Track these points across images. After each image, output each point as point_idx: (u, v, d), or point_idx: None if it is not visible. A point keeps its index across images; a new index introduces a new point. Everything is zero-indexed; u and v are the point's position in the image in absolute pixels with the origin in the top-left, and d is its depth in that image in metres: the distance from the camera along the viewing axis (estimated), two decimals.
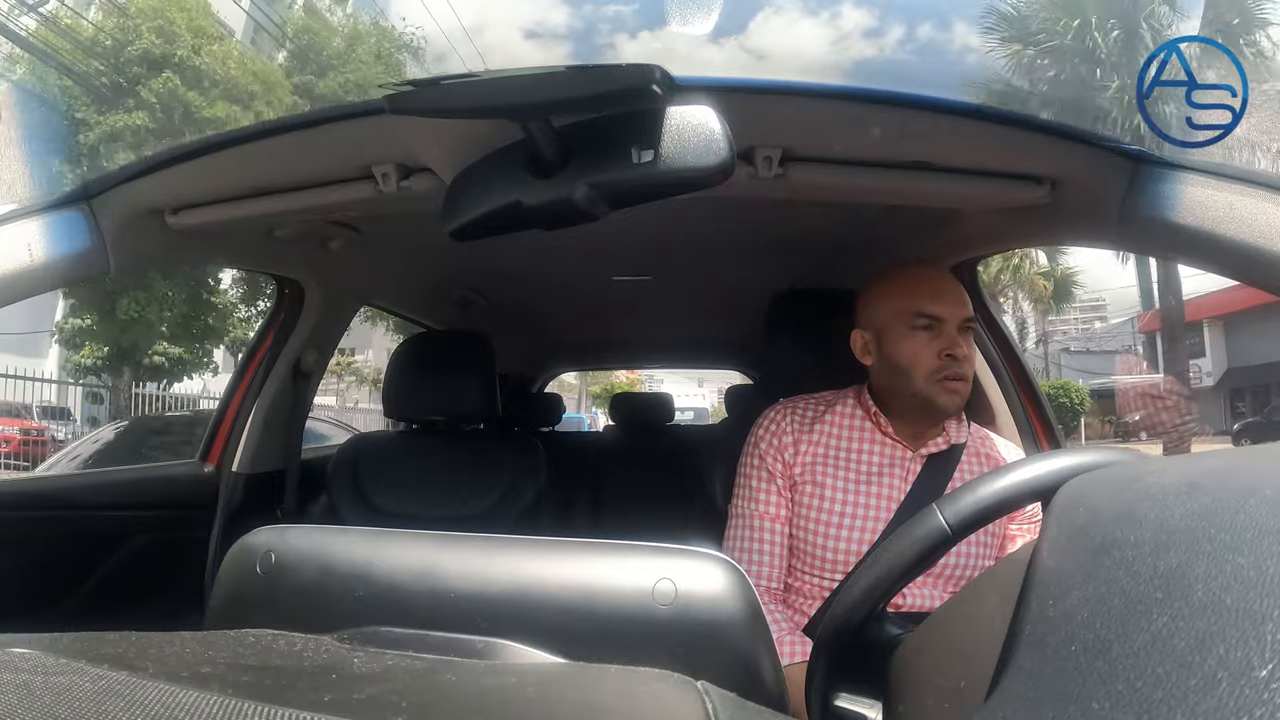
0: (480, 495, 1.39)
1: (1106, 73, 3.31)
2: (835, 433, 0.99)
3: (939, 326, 0.93)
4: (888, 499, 0.94)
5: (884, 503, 0.94)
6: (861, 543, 0.92)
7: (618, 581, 0.38)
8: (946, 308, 0.93)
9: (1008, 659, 0.30)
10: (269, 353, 1.47)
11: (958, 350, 0.92)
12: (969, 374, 0.94)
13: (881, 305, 0.98)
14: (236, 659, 0.34)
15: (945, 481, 0.95)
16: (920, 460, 0.96)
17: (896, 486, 0.95)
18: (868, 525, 0.93)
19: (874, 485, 0.95)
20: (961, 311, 0.94)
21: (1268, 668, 0.18)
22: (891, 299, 0.97)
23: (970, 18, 0.76)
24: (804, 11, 1.82)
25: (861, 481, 0.95)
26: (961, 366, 0.92)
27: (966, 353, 0.93)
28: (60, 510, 1.18)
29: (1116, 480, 0.31)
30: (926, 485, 0.94)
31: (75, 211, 0.85)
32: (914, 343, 0.93)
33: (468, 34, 1.37)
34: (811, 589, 0.95)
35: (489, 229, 0.69)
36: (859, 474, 0.96)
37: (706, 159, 0.59)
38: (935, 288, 0.95)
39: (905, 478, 0.95)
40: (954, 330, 0.93)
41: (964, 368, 0.93)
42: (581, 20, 1.76)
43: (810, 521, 0.95)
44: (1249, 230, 0.58)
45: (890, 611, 0.51)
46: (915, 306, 0.94)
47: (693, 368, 4.84)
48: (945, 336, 0.93)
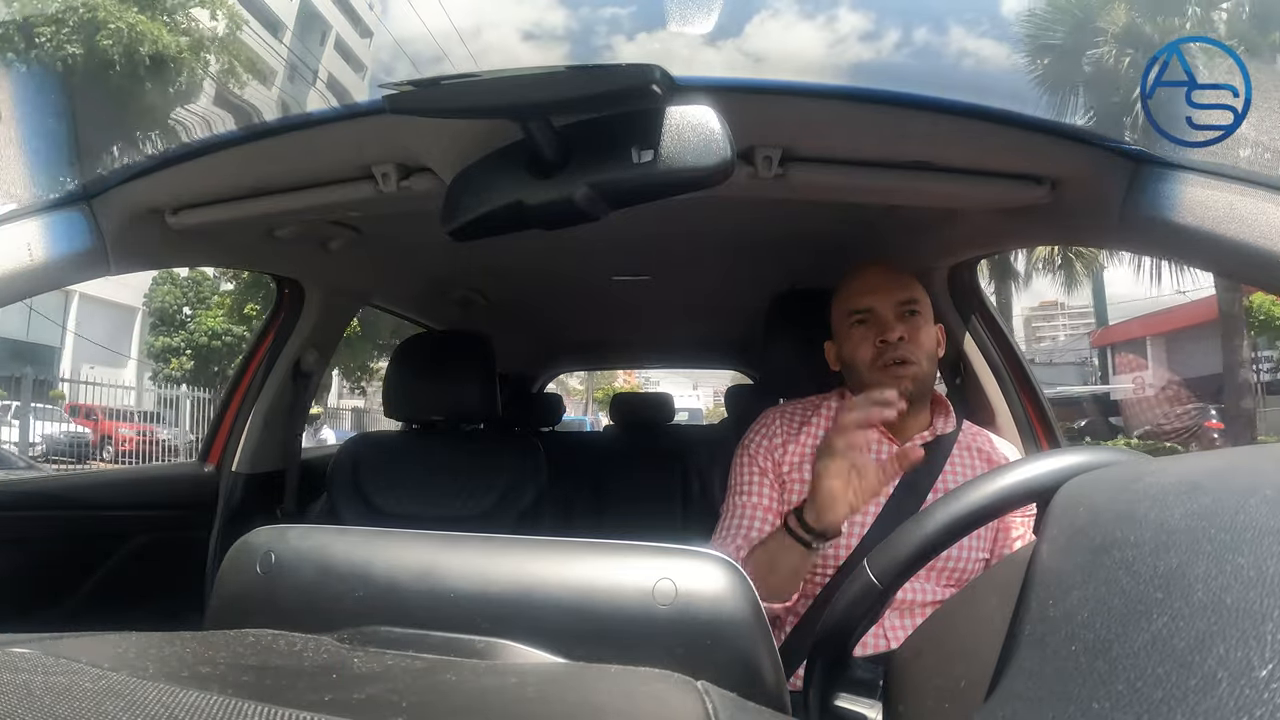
0: (480, 495, 1.39)
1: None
2: (821, 431, 0.99)
3: (872, 317, 0.96)
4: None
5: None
6: (849, 537, 0.92)
7: (618, 581, 0.38)
8: (874, 297, 0.96)
9: (1008, 659, 0.30)
10: (269, 353, 1.47)
11: (890, 334, 0.93)
12: (914, 355, 0.94)
13: (833, 313, 1.02)
14: (236, 659, 0.34)
15: (936, 472, 0.95)
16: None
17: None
18: (854, 520, 0.93)
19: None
20: (890, 297, 0.96)
21: (1268, 668, 0.18)
22: (836, 305, 1.02)
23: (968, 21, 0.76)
24: (800, 14, 1.84)
25: None
26: (898, 350, 0.93)
27: (904, 334, 0.94)
28: (60, 510, 1.18)
29: (1116, 480, 0.31)
30: (914, 477, 0.94)
31: (75, 211, 0.85)
32: (854, 339, 0.97)
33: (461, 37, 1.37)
34: (803, 585, 0.94)
35: (489, 229, 0.69)
36: None
37: (706, 159, 0.59)
38: (862, 283, 0.99)
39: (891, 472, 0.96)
40: (888, 317, 0.95)
41: (904, 350, 0.93)
42: (578, 22, 1.76)
43: None
44: (1249, 230, 0.58)
45: (857, 657, 0.52)
46: (848, 305, 0.98)
47: (693, 368, 4.84)
48: (878, 324, 0.95)
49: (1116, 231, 0.71)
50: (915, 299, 0.97)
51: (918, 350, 0.95)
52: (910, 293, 0.97)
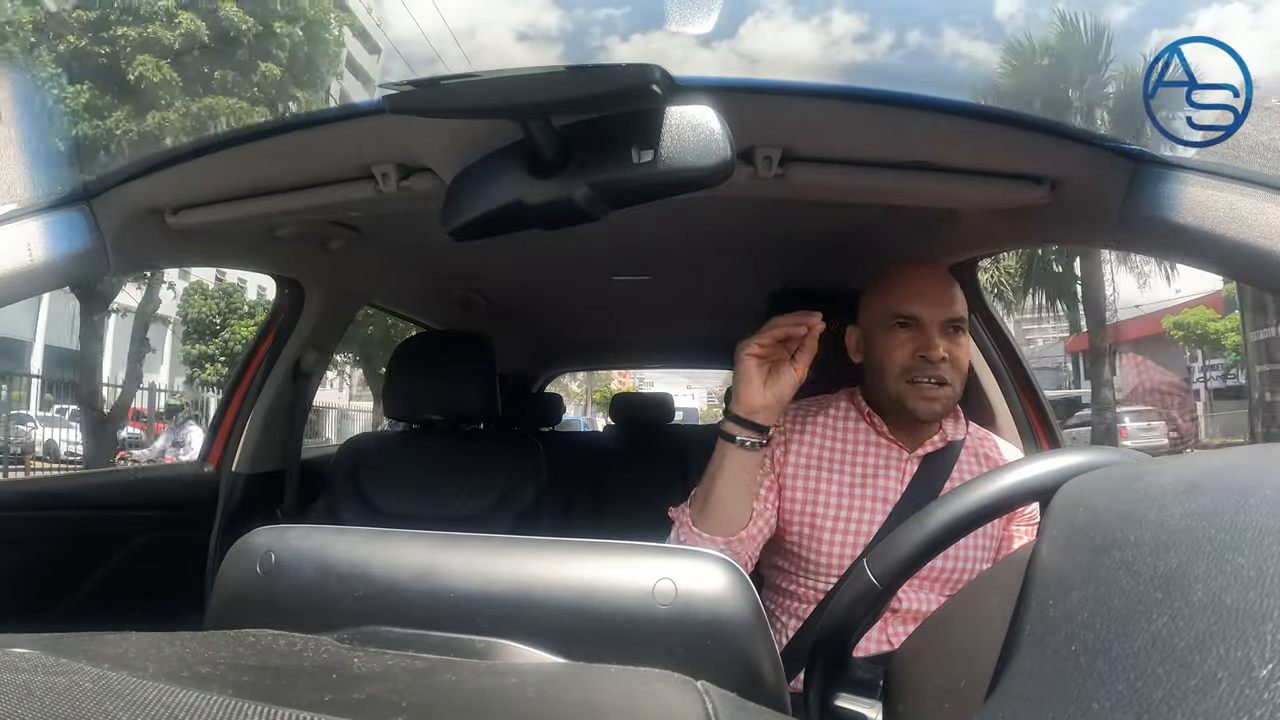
0: (480, 495, 1.39)
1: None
2: (829, 434, 0.98)
3: (917, 326, 0.92)
4: (882, 500, 0.93)
5: (878, 504, 0.93)
6: (855, 546, 0.91)
7: (618, 581, 0.38)
8: (925, 308, 0.92)
9: (1008, 659, 0.30)
10: (269, 353, 1.47)
11: (932, 352, 0.89)
12: (950, 378, 0.91)
13: (870, 305, 0.98)
14: (236, 659, 0.34)
15: (943, 481, 0.93)
16: (917, 460, 0.95)
17: (891, 488, 0.93)
18: (861, 529, 0.92)
19: (868, 487, 0.93)
20: (943, 312, 0.92)
21: (1268, 667, 0.18)
22: (877, 299, 0.97)
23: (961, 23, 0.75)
24: (794, 16, 1.81)
25: (855, 484, 0.94)
26: (938, 369, 0.90)
27: (946, 355, 0.90)
28: (60, 510, 1.18)
29: (1116, 480, 0.31)
30: (922, 485, 0.93)
31: (75, 211, 0.85)
32: (891, 341, 0.92)
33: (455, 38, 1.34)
34: (805, 593, 0.94)
35: (489, 229, 0.69)
36: (853, 476, 0.94)
37: (706, 159, 0.59)
38: (916, 288, 0.94)
39: (900, 479, 0.94)
40: (933, 331, 0.91)
41: (941, 370, 0.90)
42: (572, 23, 1.75)
43: (804, 525, 0.93)
44: (1249, 230, 0.58)
45: (857, 657, 0.51)
46: (894, 307, 0.93)
47: (693, 367, 4.84)
48: (922, 336, 0.91)
49: (1116, 231, 0.71)
50: (963, 318, 0.94)
51: (955, 374, 0.91)
52: (961, 310, 0.93)
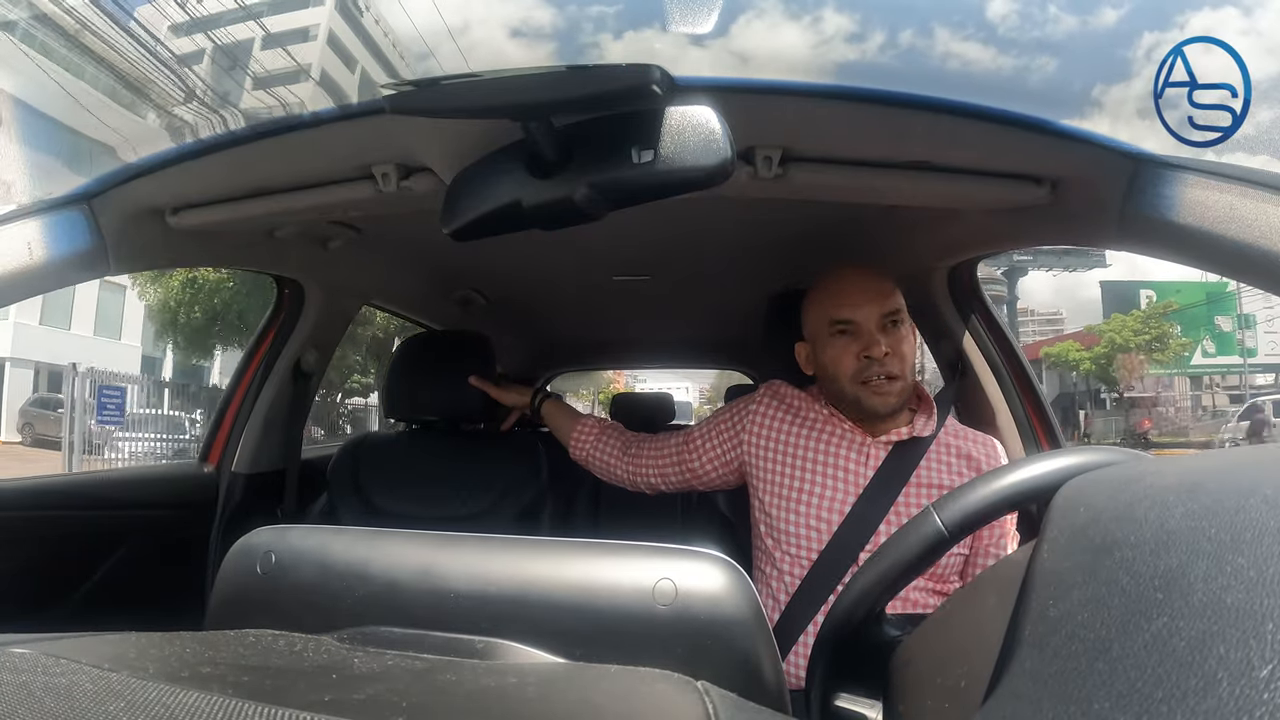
0: (480, 495, 1.39)
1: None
2: (800, 420, 1.02)
3: (855, 329, 0.95)
4: (853, 484, 0.96)
5: (849, 486, 0.96)
6: (823, 520, 0.94)
7: (618, 581, 0.38)
8: (859, 310, 0.95)
9: (1008, 659, 0.30)
10: (269, 353, 1.47)
11: (875, 350, 0.93)
12: (897, 370, 0.94)
13: (809, 316, 1.02)
14: (236, 659, 0.34)
15: (910, 469, 0.95)
16: (884, 447, 0.97)
17: (860, 472, 0.96)
18: (834, 506, 0.95)
19: (838, 469, 0.97)
20: (877, 310, 0.95)
21: (1268, 668, 0.18)
22: (814, 309, 1.01)
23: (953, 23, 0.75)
24: (786, 15, 1.83)
25: (819, 463, 0.98)
26: (885, 365, 0.93)
27: (889, 349, 0.93)
28: (60, 510, 1.18)
29: (1116, 480, 0.31)
30: (891, 472, 0.95)
31: (75, 211, 0.85)
32: (834, 349, 0.96)
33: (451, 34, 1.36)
34: (782, 566, 0.97)
35: (489, 229, 0.69)
36: (817, 455, 0.98)
37: (706, 159, 0.59)
38: (846, 294, 0.97)
39: (867, 463, 0.97)
40: (871, 330, 0.94)
41: (888, 365, 0.93)
42: (565, 20, 1.74)
43: (776, 499, 0.98)
44: (1249, 230, 0.58)
45: (890, 614, 0.51)
46: (830, 315, 0.97)
47: (693, 367, 4.85)
48: (862, 338, 0.95)
49: (1116, 231, 0.71)
50: (898, 308, 0.97)
51: (902, 364, 0.95)
52: (894, 302, 0.97)
